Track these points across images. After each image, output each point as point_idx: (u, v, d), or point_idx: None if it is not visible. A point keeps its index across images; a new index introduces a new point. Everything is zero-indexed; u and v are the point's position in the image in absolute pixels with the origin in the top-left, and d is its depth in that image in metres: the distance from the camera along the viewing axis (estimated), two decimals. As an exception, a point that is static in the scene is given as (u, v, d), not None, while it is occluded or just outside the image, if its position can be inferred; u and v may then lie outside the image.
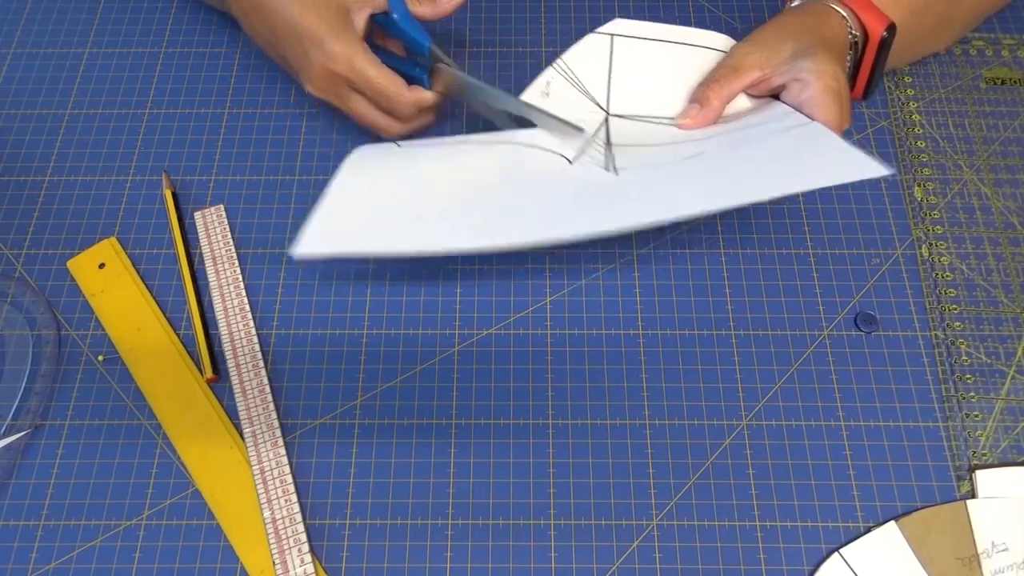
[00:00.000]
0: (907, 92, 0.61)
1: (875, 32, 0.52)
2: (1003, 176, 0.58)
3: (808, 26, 0.51)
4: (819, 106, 0.49)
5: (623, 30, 0.53)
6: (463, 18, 0.65)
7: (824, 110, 0.48)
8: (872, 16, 0.52)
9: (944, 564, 0.46)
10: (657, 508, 0.48)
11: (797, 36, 0.51)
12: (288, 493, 0.48)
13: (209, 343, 0.52)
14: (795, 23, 0.52)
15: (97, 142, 0.60)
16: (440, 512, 0.48)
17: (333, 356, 0.52)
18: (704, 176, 0.44)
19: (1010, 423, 0.50)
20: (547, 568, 0.47)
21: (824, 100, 0.49)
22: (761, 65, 0.50)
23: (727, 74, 0.51)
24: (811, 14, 0.52)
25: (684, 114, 0.51)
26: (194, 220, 0.57)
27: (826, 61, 0.49)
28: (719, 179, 0.43)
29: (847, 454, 0.50)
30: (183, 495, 0.49)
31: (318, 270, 0.55)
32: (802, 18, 0.52)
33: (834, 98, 0.49)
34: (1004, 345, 0.53)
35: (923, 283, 0.55)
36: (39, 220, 0.57)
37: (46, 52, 0.64)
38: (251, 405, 0.50)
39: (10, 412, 0.50)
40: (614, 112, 0.51)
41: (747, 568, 0.47)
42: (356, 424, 0.51)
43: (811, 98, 0.49)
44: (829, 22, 0.52)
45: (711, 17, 0.65)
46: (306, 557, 0.46)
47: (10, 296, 0.54)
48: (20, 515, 0.48)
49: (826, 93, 0.49)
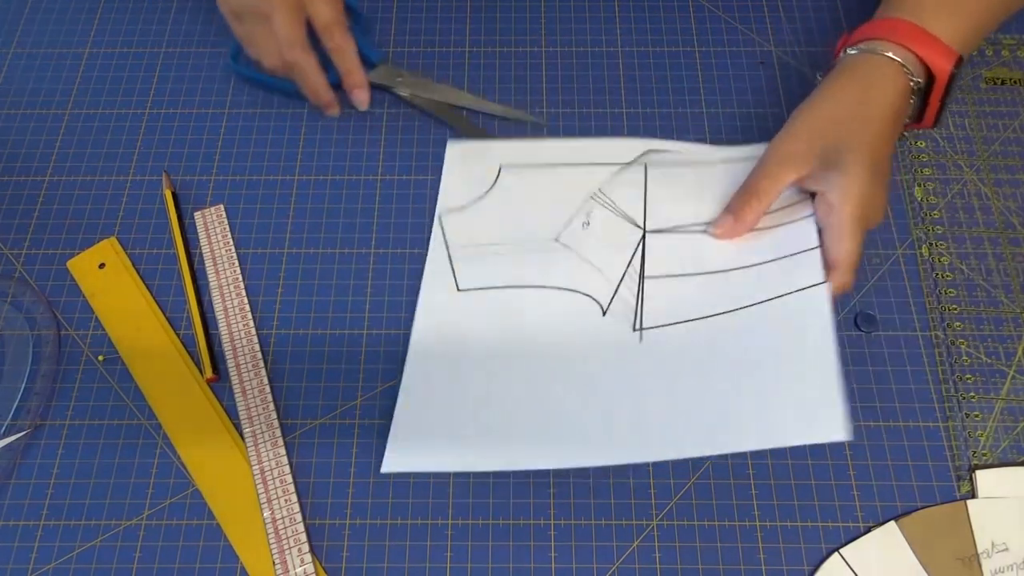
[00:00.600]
0: (907, 92, 0.61)
1: (942, 71, 0.49)
2: (1003, 176, 0.58)
3: (849, 106, 0.49)
4: (837, 239, 0.48)
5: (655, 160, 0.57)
6: (463, 18, 0.65)
7: (840, 244, 0.48)
8: (937, 54, 0.49)
9: (944, 564, 0.46)
10: (657, 508, 0.48)
11: (833, 132, 0.49)
12: (288, 493, 0.48)
13: (209, 343, 0.52)
14: (835, 105, 0.50)
15: (97, 142, 0.60)
16: (440, 512, 0.48)
17: (333, 356, 0.52)
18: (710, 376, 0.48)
19: (1010, 423, 0.50)
20: (547, 568, 0.47)
21: (844, 232, 0.47)
22: (793, 179, 0.50)
23: (764, 187, 0.50)
24: (859, 78, 0.50)
25: (718, 224, 0.52)
26: (194, 220, 0.57)
27: (856, 175, 0.47)
28: (717, 412, 0.47)
29: (847, 454, 0.50)
30: (183, 495, 0.49)
31: (318, 270, 0.55)
32: (847, 91, 0.50)
33: (855, 227, 0.47)
34: (1004, 345, 0.53)
35: (923, 283, 0.55)
36: (39, 220, 0.57)
37: (46, 52, 0.64)
38: (251, 405, 0.50)
39: (10, 412, 0.50)
40: (651, 228, 0.53)
41: (747, 568, 0.47)
42: (356, 424, 0.51)
43: (833, 226, 0.48)
44: (881, 82, 0.49)
45: (711, 17, 0.65)
46: (306, 557, 0.46)
47: (10, 296, 0.54)
48: (20, 515, 0.48)
49: (848, 223, 0.47)
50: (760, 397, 0.46)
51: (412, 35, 0.64)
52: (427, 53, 0.63)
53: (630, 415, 0.48)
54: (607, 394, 0.49)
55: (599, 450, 0.47)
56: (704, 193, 0.54)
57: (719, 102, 0.61)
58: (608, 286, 0.52)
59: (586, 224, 0.55)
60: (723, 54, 0.63)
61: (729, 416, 0.46)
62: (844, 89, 0.50)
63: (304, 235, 0.56)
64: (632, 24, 0.65)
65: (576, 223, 0.55)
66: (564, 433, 0.48)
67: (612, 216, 0.55)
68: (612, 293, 0.52)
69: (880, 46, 0.50)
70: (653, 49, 0.64)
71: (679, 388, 0.48)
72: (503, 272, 0.54)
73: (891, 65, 0.50)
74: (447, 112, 0.61)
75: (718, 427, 0.46)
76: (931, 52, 0.49)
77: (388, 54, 0.63)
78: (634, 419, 0.47)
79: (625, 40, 0.64)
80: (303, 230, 0.57)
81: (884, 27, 0.51)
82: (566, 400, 0.49)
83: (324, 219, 0.57)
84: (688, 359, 0.49)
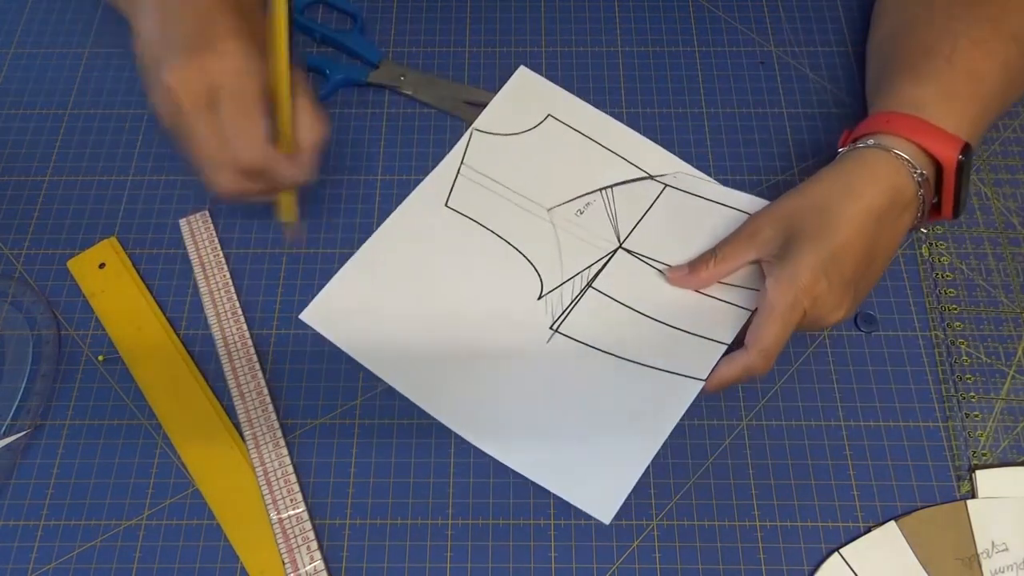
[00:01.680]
0: (907, 92, 0.61)
1: (949, 161, 0.47)
2: (1003, 176, 0.58)
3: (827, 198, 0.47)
4: (758, 324, 0.46)
5: (681, 183, 0.57)
6: (463, 18, 0.65)
7: (759, 329, 0.46)
8: (941, 144, 0.47)
9: (944, 564, 0.46)
10: (657, 508, 0.48)
11: (801, 220, 0.47)
12: (293, 493, 0.48)
13: (293, 115, 0.47)
14: (816, 195, 0.48)
15: (97, 142, 0.60)
16: (440, 512, 0.48)
17: (333, 356, 0.52)
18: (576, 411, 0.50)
19: (1010, 423, 0.50)
20: (547, 568, 0.47)
21: (764, 318, 0.46)
22: (753, 257, 0.49)
23: (727, 253, 0.50)
24: (847, 171, 0.48)
25: (674, 269, 0.52)
26: (179, 228, 0.57)
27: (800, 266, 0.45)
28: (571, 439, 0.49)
29: (847, 454, 0.50)
30: (183, 495, 0.49)
31: (318, 270, 0.55)
32: (832, 182, 0.48)
33: (780, 317, 0.45)
34: (1004, 345, 0.53)
35: (923, 283, 0.55)
36: (39, 220, 0.57)
37: (46, 52, 0.64)
38: (250, 408, 0.50)
39: (10, 412, 0.50)
40: (627, 246, 0.54)
41: (747, 568, 0.47)
42: (356, 424, 0.51)
43: (761, 310, 0.47)
44: (870, 176, 0.47)
45: (711, 17, 0.65)
46: (315, 555, 0.46)
47: (10, 296, 0.54)
48: (20, 515, 0.48)
49: (770, 311, 0.46)
50: (584, 447, 0.49)
51: (412, 35, 0.64)
52: (427, 53, 0.63)
53: (494, 398, 0.50)
54: (494, 371, 0.51)
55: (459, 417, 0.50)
56: (694, 236, 0.54)
57: (719, 102, 0.61)
58: (558, 276, 0.54)
59: (580, 212, 0.56)
60: (723, 54, 0.63)
61: (551, 447, 0.49)
62: (829, 179, 0.48)
63: (303, 235, 0.56)
64: (632, 24, 0.65)
65: (574, 206, 0.56)
66: (449, 387, 0.51)
67: (605, 218, 0.56)
68: (557, 284, 0.54)
69: (883, 140, 0.48)
70: (653, 49, 0.64)
71: (540, 400, 0.50)
72: (490, 214, 0.56)
73: (883, 158, 0.48)
74: (454, 106, 0.61)
75: (540, 450, 0.49)
76: (934, 142, 0.47)
77: (388, 53, 0.63)
78: (493, 403, 0.50)
79: (625, 40, 0.64)
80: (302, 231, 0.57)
81: (882, 121, 0.49)
82: (467, 360, 0.51)
83: (324, 219, 0.57)
84: (567, 381, 0.51)
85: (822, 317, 0.47)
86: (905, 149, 0.48)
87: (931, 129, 0.48)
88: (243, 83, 0.45)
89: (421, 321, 0.53)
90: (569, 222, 0.56)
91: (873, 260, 0.48)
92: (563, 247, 0.55)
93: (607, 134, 0.59)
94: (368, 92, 0.62)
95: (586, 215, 0.56)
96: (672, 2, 0.66)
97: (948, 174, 0.48)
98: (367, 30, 0.64)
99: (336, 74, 0.60)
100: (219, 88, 0.44)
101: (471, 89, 0.61)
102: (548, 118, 0.60)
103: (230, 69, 0.44)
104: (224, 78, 0.44)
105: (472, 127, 0.59)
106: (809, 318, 0.46)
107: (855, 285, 0.47)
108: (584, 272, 0.54)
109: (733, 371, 0.47)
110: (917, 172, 0.47)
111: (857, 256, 0.46)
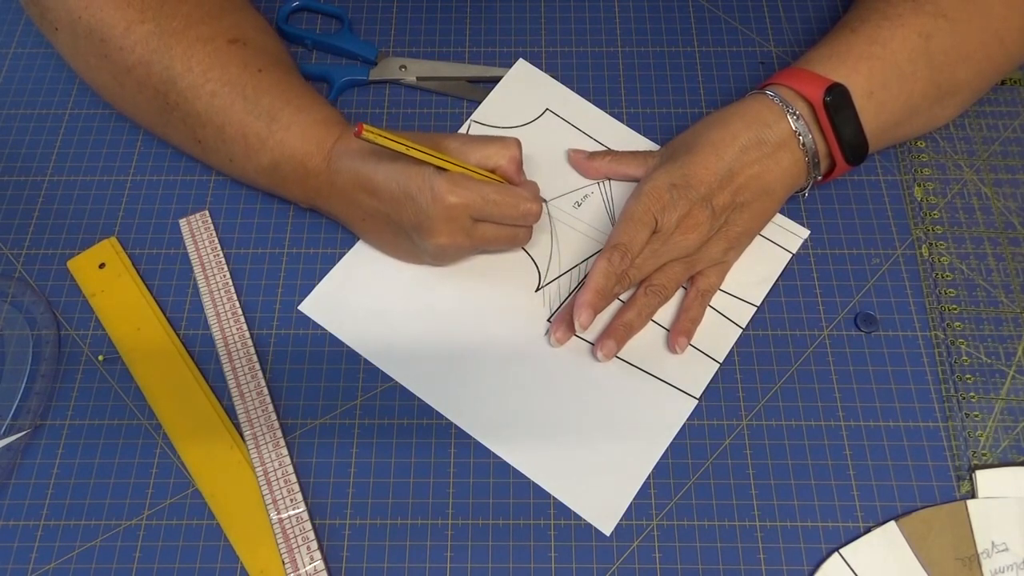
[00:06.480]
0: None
1: (815, 99, 0.50)
2: (1003, 176, 0.58)
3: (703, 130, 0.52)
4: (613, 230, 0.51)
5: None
6: (463, 18, 0.65)
7: (610, 233, 0.51)
8: (807, 85, 0.51)
9: (944, 564, 0.46)
10: (657, 508, 0.48)
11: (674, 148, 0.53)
12: (293, 493, 0.48)
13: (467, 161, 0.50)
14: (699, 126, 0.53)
15: (97, 142, 0.60)
16: (440, 512, 0.48)
17: (333, 356, 0.52)
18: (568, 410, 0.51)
19: (1010, 423, 0.50)
20: (547, 568, 0.47)
21: (616, 224, 0.52)
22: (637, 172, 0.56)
23: (621, 159, 0.56)
24: (724, 111, 0.53)
25: (576, 151, 0.57)
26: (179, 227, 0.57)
27: (647, 185, 0.51)
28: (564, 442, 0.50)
29: (847, 454, 0.50)
30: (183, 495, 0.49)
31: (316, 269, 0.55)
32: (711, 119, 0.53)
33: (621, 222, 0.51)
34: (1004, 345, 0.53)
35: (923, 283, 0.55)
36: (39, 220, 0.57)
37: (46, 52, 0.64)
38: (250, 408, 0.50)
39: (10, 412, 0.50)
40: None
41: (747, 568, 0.47)
42: (356, 424, 0.51)
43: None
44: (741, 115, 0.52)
45: (711, 17, 0.65)
46: (315, 555, 0.46)
47: (10, 296, 0.54)
48: (20, 515, 0.48)
49: (620, 218, 0.51)
50: (584, 451, 0.49)
51: (412, 35, 0.64)
52: (427, 53, 0.63)
53: (491, 390, 0.51)
54: (492, 363, 0.51)
55: (457, 407, 0.51)
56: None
57: (719, 102, 0.61)
58: (556, 268, 0.55)
59: (577, 204, 0.57)
60: (723, 54, 0.63)
61: (550, 447, 0.49)
62: (710, 117, 0.53)
63: (304, 235, 0.56)
64: (632, 24, 0.65)
65: (571, 199, 0.57)
66: (447, 378, 0.51)
67: (602, 210, 0.56)
68: (554, 277, 0.54)
69: (766, 89, 0.52)
70: (653, 49, 0.64)
71: (538, 394, 0.51)
72: None
73: (757, 98, 0.52)
74: (460, 87, 0.61)
75: (539, 448, 0.49)
76: (801, 83, 0.51)
77: (389, 53, 0.63)
78: (490, 395, 0.50)
79: (625, 40, 0.64)
80: (303, 230, 0.57)
81: (772, 76, 0.53)
82: (466, 352, 0.52)
83: (324, 219, 0.57)
84: (565, 376, 0.51)
85: (681, 234, 0.50)
86: (778, 91, 0.52)
87: (803, 73, 0.51)
88: (460, 194, 0.48)
89: (420, 312, 0.53)
90: (566, 214, 0.56)
91: (745, 190, 0.51)
92: (560, 239, 0.55)
93: (602, 127, 0.60)
94: (368, 90, 0.62)
95: (583, 207, 0.56)
96: (672, 2, 0.66)
97: (819, 112, 0.50)
98: (355, 29, 0.64)
99: (340, 78, 0.60)
100: (462, 208, 0.48)
101: (471, 66, 0.62)
102: (546, 112, 0.60)
103: (445, 194, 0.47)
104: (453, 200, 0.48)
105: (470, 119, 0.60)
106: (664, 229, 0.50)
107: (724, 213, 0.51)
108: (582, 264, 0.55)
109: (594, 273, 0.50)
110: (789, 109, 0.51)
111: (712, 177, 0.50)
